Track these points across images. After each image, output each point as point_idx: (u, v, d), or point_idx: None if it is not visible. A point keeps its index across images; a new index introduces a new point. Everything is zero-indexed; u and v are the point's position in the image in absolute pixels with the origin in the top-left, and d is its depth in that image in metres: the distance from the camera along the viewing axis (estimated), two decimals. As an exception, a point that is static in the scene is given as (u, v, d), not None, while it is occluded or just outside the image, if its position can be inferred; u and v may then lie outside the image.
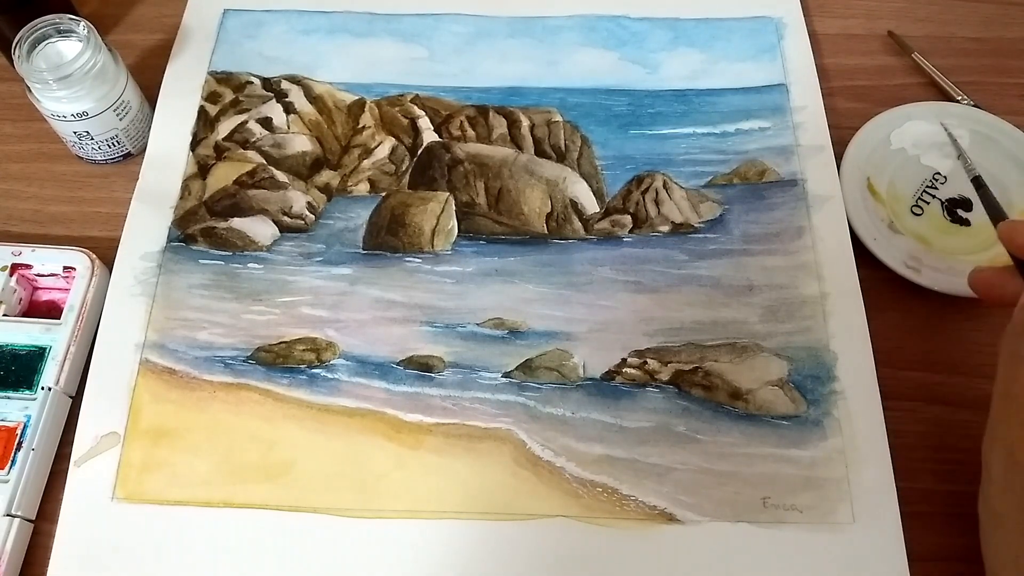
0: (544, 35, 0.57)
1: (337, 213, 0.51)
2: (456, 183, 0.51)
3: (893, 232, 0.48)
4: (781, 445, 0.43)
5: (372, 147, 0.53)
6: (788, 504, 0.41)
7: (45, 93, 0.47)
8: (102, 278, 0.47)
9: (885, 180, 0.50)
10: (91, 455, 0.42)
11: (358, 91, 0.55)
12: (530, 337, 0.46)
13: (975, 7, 0.60)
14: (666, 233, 0.49)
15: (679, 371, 0.45)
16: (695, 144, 0.53)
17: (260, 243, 0.49)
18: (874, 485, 0.41)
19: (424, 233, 0.50)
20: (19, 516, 0.40)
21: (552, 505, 0.41)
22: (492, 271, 0.48)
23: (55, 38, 0.48)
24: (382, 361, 0.45)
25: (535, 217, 0.50)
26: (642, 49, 0.56)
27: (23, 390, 0.43)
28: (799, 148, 0.52)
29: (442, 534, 0.41)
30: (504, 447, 0.43)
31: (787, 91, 0.54)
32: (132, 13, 0.59)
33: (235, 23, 0.57)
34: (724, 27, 0.57)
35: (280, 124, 0.53)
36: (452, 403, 0.44)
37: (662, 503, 0.41)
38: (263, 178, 0.51)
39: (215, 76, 0.55)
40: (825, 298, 0.47)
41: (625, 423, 0.43)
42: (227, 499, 0.41)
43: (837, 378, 0.44)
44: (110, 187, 0.51)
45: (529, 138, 0.53)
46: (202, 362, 0.45)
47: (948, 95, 0.55)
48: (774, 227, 0.49)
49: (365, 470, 0.42)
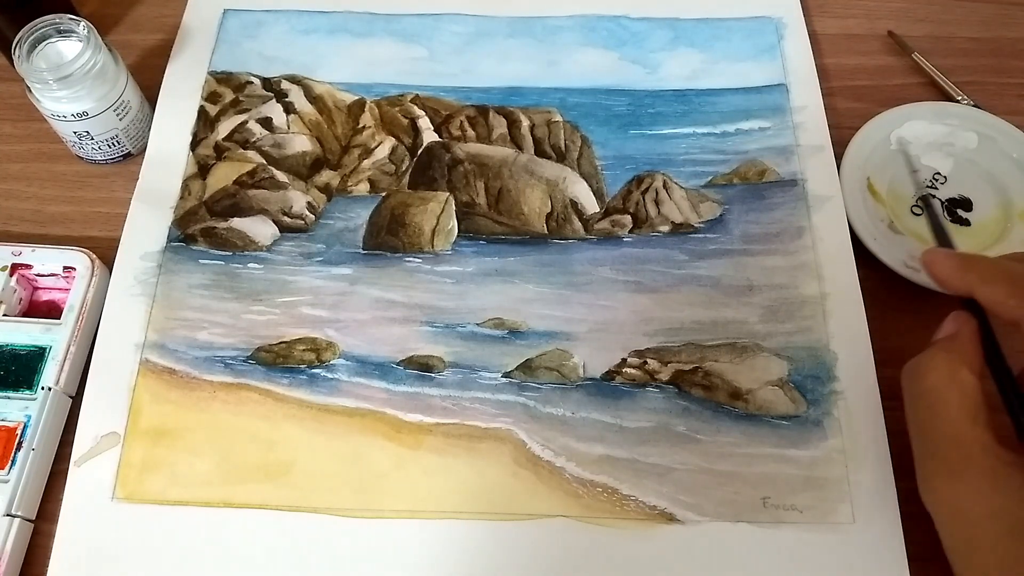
0: (544, 35, 0.57)
1: (337, 213, 0.51)
2: (456, 183, 0.51)
3: (893, 232, 0.48)
4: (781, 445, 0.43)
5: (372, 147, 0.53)
6: (788, 504, 0.41)
7: (45, 93, 0.47)
8: (102, 278, 0.47)
9: (885, 180, 0.50)
10: (91, 455, 0.42)
11: (358, 91, 0.55)
12: (530, 337, 0.46)
13: (975, 7, 0.60)
14: (666, 233, 0.49)
15: (679, 371, 0.45)
16: (695, 144, 0.53)
17: (260, 243, 0.49)
18: (874, 485, 0.41)
19: (424, 233, 0.50)
20: (19, 516, 0.40)
21: (552, 505, 0.41)
22: (492, 271, 0.48)
23: (55, 38, 0.48)
24: (382, 361, 0.45)
25: (535, 217, 0.50)
26: (642, 49, 0.56)
27: (23, 390, 0.43)
28: (799, 148, 0.52)
29: (442, 534, 0.41)
30: (504, 447, 0.43)
31: (787, 91, 0.54)
32: (132, 13, 0.59)
33: (235, 23, 0.57)
34: (724, 27, 0.57)
35: (280, 124, 0.53)
36: (452, 403, 0.44)
37: (662, 503, 0.41)
38: (263, 178, 0.51)
39: (215, 76, 0.55)
40: (825, 298, 0.47)
41: (625, 423, 0.43)
42: (227, 499, 0.41)
43: (837, 378, 0.44)
44: (110, 187, 0.51)
45: (529, 138, 0.53)
46: (202, 362, 0.45)
47: (948, 95, 0.54)
48: (774, 227, 0.49)
49: (365, 470, 0.42)
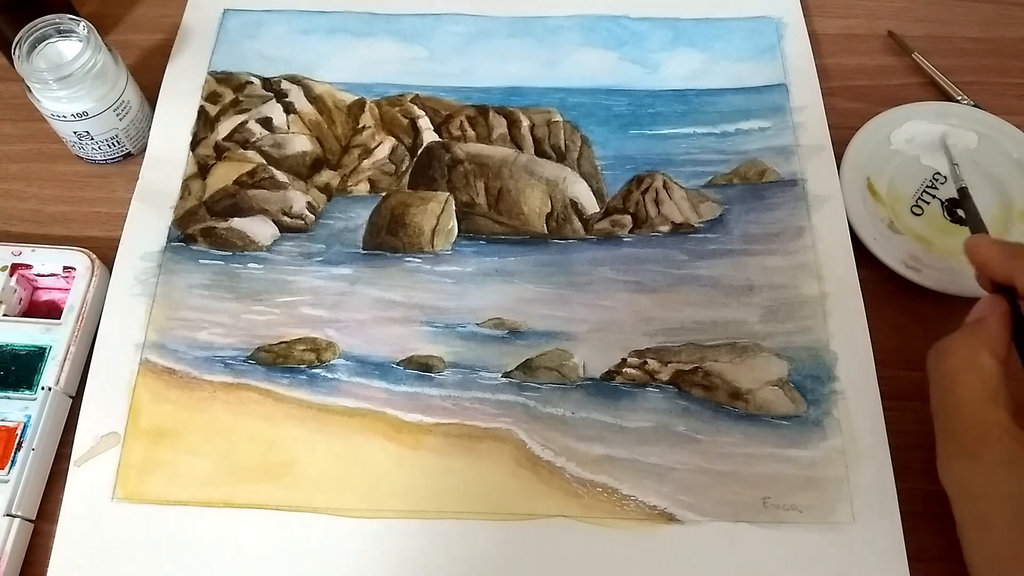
0: (544, 35, 0.57)
1: (337, 213, 0.51)
2: (456, 183, 0.51)
3: (893, 232, 0.48)
4: (781, 445, 0.43)
5: (372, 147, 0.53)
6: (788, 504, 0.41)
7: (45, 93, 0.47)
8: (102, 278, 0.47)
9: (885, 180, 0.50)
10: (91, 455, 0.42)
11: (358, 91, 0.55)
12: (530, 337, 0.46)
13: (975, 7, 0.60)
14: (666, 233, 0.49)
15: (679, 371, 0.45)
16: (695, 144, 0.52)
17: (260, 243, 0.49)
18: (874, 485, 0.41)
19: (424, 233, 0.50)
20: (19, 516, 0.40)
21: (552, 505, 0.41)
22: (492, 271, 0.48)
23: (55, 38, 0.48)
24: (382, 361, 0.45)
25: (535, 217, 0.50)
26: (642, 49, 0.56)
27: (23, 390, 0.43)
28: (799, 148, 0.52)
29: (442, 534, 0.41)
30: (504, 447, 0.43)
31: (787, 91, 0.54)
32: (132, 13, 0.59)
33: (235, 23, 0.57)
34: (724, 27, 0.57)
35: (280, 124, 0.53)
36: (452, 403, 0.44)
37: (662, 503, 0.41)
38: (263, 178, 0.51)
39: (215, 76, 0.55)
40: (825, 298, 0.47)
41: (625, 423, 0.43)
42: (227, 499, 0.41)
43: (837, 378, 0.44)
44: (110, 187, 0.51)
45: (529, 138, 0.53)
46: (202, 362, 0.45)
47: (948, 95, 0.54)
48: (774, 227, 0.49)
49: (365, 470, 0.42)
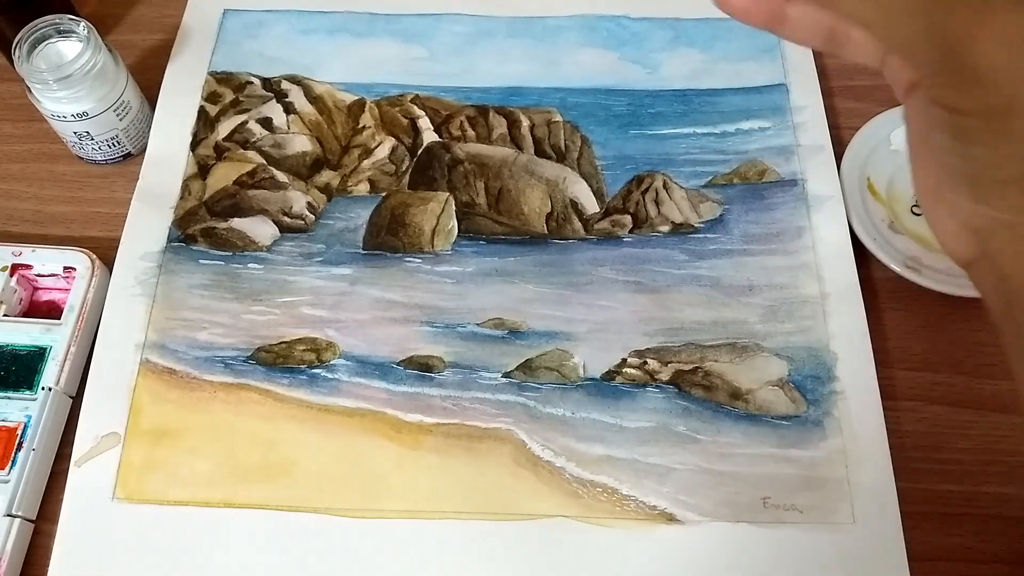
0: (544, 35, 0.57)
1: (337, 213, 0.51)
2: (456, 183, 0.51)
3: (893, 232, 0.48)
4: (781, 445, 0.43)
5: (372, 147, 0.53)
6: (788, 504, 0.41)
7: (45, 93, 0.47)
8: (102, 278, 0.47)
9: (885, 180, 0.50)
10: (91, 455, 0.42)
11: (358, 91, 0.55)
12: (530, 337, 0.46)
13: (975, 7, 0.60)
14: (666, 233, 0.49)
15: (679, 371, 0.45)
16: (695, 144, 0.52)
17: (260, 243, 0.49)
18: (874, 485, 0.41)
19: (424, 233, 0.50)
20: (19, 516, 0.40)
21: (552, 505, 0.41)
22: (492, 271, 0.48)
23: (55, 38, 0.48)
24: (382, 361, 0.45)
25: (535, 217, 0.50)
26: (642, 49, 0.56)
27: (23, 390, 0.43)
28: (799, 148, 0.52)
29: (442, 534, 0.41)
30: (504, 447, 0.43)
31: (787, 91, 0.54)
32: (132, 13, 0.59)
33: (235, 23, 0.57)
34: (724, 27, 0.57)
35: (280, 124, 0.53)
36: (452, 403, 0.44)
37: (662, 503, 0.41)
38: (263, 178, 0.51)
39: (215, 76, 0.55)
40: (825, 298, 0.47)
41: (625, 423, 0.43)
42: (227, 499, 0.41)
43: (837, 378, 0.44)
44: (110, 187, 0.51)
45: (529, 138, 0.53)
46: (202, 362, 0.45)
47: (948, 95, 0.54)
48: (774, 227, 0.49)
49: (365, 470, 0.42)
